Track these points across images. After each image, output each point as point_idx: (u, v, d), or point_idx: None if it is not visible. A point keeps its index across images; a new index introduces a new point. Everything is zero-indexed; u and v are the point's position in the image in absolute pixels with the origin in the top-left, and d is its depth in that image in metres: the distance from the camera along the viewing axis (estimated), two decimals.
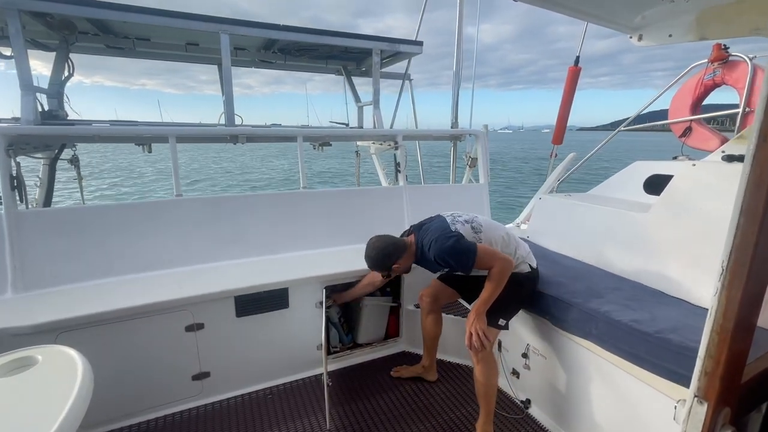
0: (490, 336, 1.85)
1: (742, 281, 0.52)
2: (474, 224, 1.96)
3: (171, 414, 2.11)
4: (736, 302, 0.53)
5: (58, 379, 1.10)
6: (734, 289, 0.53)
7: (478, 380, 1.88)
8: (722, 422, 0.59)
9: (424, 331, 2.35)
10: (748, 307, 0.55)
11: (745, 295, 0.53)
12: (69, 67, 2.93)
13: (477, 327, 1.79)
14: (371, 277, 2.35)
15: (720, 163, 1.87)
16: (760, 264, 0.52)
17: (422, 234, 1.97)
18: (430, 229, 1.95)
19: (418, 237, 1.99)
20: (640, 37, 2.23)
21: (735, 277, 0.53)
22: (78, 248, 2.19)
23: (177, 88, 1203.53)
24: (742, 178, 0.51)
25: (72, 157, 2.88)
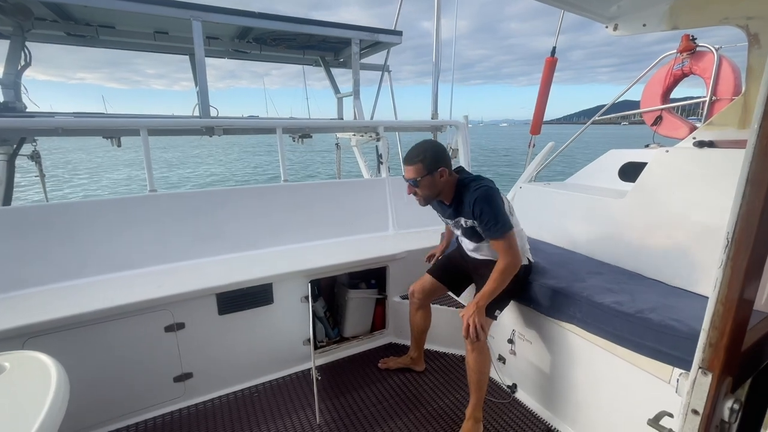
0: (487, 329, 1.85)
1: (748, 250, 0.53)
2: (510, 205, 1.92)
3: (153, 418, 2.02)
4: (741, 272, 0.54)
5: (30, 387, 1.02)
6: (740, 259, 0.54)
7: (471, 368, 1.88)
8: (725, 391, 0.61)
9: (412, 325, 2.34)
10: (751, 276, 0.56)
11: (749, 264, 0.54)
12: (25, 55, 2.73)
13: (476, 319, 1.74)
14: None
15: (692, 149, 1.93)
16: (764, 231, 0.53)
17: (470, 177, 1.87)
18: (482, 178, 1.86)
19: (464, 177, 1.88)
20: (615, 26, 2.28)
21: (741, 247, 0.53)
22: (45, 249, 2.05)
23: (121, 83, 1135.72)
24: (747, 149, 0.52)
25: (32, 152, 2.70)
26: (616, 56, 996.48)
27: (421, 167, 1.78)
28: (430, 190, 1.83)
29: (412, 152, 1.80)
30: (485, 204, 1.74)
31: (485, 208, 1.73)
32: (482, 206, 1.74)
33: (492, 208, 1.73)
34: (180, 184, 17.98)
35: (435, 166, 1.77)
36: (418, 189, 1.82)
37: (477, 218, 1.78)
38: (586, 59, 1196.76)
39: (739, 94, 1.91)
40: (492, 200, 1.75)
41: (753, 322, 0.77)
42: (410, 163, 1.79)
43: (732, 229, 0.54)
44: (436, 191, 1.84)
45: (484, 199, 1.74)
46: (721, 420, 0.63)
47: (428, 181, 1.80)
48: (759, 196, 0.50)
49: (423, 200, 1.88)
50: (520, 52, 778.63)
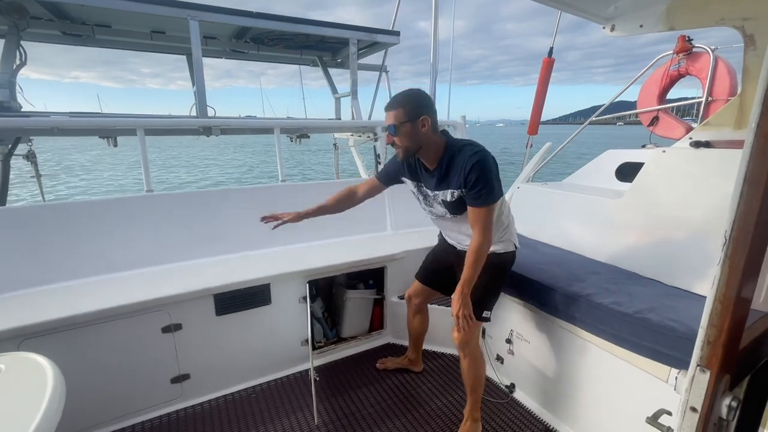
0: (477, 332, 1.82)
1: (746, 248, 0.53)
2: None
3: (149, 419, 2.01)
4: (739, 270, 0.54)
5: (26, 389, 1.01)
6: (738, 257, 0.54)
7: (467, 374, 1.86)
8: (723, 389, 0.61)
9: (411, 329, 2.31)
10: (749, 275, 0.56)
11: (747, 262, 0.54)
12: (20, 54, 2.72)
13: (463, 312, 1.65)
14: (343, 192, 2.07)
15: (688, 149, 1.94)
16: (762, 231, 0.53)
17: (463, 141, 1.72)
18: (475, 142, 1.71)
19: (453, 140, 1.73)
20: (612, 27, 2.29)
21: (738, 245, 0.54)
22: (40, 249, 2.04)
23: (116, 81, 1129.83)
24: (744, 149, 0.52)
25: (28, 152, 2.69)
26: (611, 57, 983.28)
27: (401, 113, 1.62)
28: (411, 140, 1.65)
29: (395, 98, 1.67)
30: (484, 168, 1.59)
31: (482, 174, 1.58)
32: (480, 171, 1.58)
33: (489, 175, 1.60)
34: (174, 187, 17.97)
35: (417, 114, 1.62)
36: (397, 138, 1.66)
37: (469, 183, 1.61)
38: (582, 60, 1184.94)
39: (735, 95, 1.93)
40: (491, 166, 1.61)
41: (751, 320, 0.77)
42: (390, 109, 1.65)
43: (730, 228, 0.54)
44: (417, 143, 1.66)
45: (483, 163, 1.59)
46: (719, 417, 0.64)
47: (408, 128, 1.63)
48: (756, 195, 0.51)
49: (402, 152, 1.70)
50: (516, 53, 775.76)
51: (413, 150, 1.69)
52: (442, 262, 2.06)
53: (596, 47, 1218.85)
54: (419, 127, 1.63)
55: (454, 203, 1.72)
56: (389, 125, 1.66)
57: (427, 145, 1.67)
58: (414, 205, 2.03)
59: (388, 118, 1.66)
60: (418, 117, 1.62)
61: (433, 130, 1.67)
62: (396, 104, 1.63)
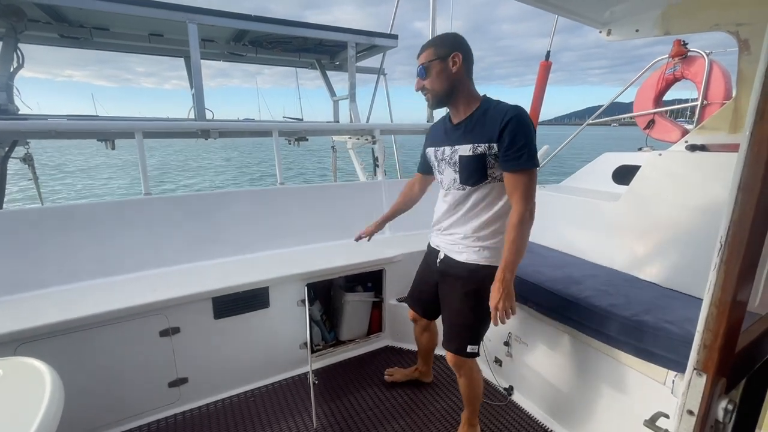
0: (465, 363, 1.67)
1: (740, 254, 0.54)
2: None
3: (147, 424, 2.00)
4: (734, 275, 0.55)
5: (24, 393, 1.01)
6: (732, 263, 0.55)
7: (464, 391, 1.81)
8: (719, 392, 0.62)
9: (419, 344, 2.19)
10: (744, 279, 0.57)
11: (742, 268, 0.55)
12: (18, 57, 2.71)
13: (504, 304, 1.40)
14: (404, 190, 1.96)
15: (684, 153, 1.96)
16: (756, 237, 0.54)
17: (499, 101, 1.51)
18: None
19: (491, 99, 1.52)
20: (609, 31, 2.31)
21: (734, 251, 0.55)
22: (37, 252, 2.03)
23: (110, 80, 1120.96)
24: (739, 156, 0.53)
25: (25, 154, 2.68)
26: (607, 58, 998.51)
27: (431, 52, 1.45)
28: (441, 82, 1.45)
29: (428, 41, 1.50)
30: (526, 124, 1.37)
31: (524, 129, 1.36)
32: (522, 125, 1.36)
33: (531, 133, 1.38)
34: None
35: (447, 51, 1.42)
36: (426, 81, 1.47)
37: (507, 139, 1.37)
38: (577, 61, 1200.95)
39: (730, 99, 1.95)
40: (530, 122, 1.39)
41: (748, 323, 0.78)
42: (420, 52, 1.49)
43: (725, 234, 0.55)
44: (448, 86, 1.46)
45: (525, 117, 1.38)
46: (716, 420, 0.65)
47: (437, 67, 1.44)
48: (750, 202, 0.52)
49: (432, 98, 1.51)
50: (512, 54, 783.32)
51: (443, 94, 1.48)
52: (427, 281, 1.84)
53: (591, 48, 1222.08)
54: (449, 66, 1.43)
55: (470, 161, 1.46)
56: (420, 65, 1.48)
57: (460, 90, 1.48)
58: (413, 208, 2.03)
59: (420, 59, 1.49)
60: (449, 54, 1.43)
61: (467, 76, 1.48)
62: (426, 45, 1.48)
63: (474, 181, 1.49)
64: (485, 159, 1.44)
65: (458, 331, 1.64)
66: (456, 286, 1.63)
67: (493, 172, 1.47)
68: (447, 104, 1.54)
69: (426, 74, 1.47)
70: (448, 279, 1.68)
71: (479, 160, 1.45)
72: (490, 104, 1.48)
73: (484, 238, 1.55)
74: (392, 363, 2.55)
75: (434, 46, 1.46)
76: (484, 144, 1.43)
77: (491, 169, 1.46)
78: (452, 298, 1.66)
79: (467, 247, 1.58)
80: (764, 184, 0.51)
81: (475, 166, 1.46)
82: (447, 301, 1.71)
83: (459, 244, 1.61)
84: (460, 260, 1.60)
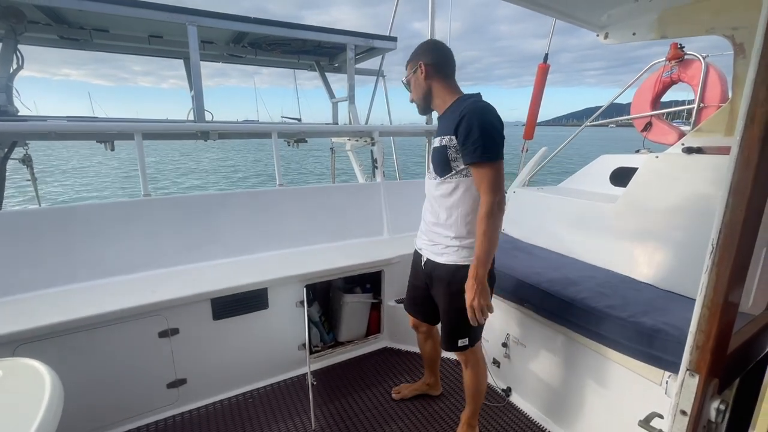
0: (472, 353, 1.70)
1: (731, 257, 0.55)
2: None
3: (145, 425, 2.00)
4: (725, 277, 0.56)
5: (24, 394, 1.01)
6: (724, 265, 0.56)
7: (468, 384, 1.82)
8: (712, 393, 0.63)
9: (424, 353, 2.15)
10: (735, 281, 0.58)
11: (733, 270, 0.56)
12: (18, 58, 2.72)
13: (479, 302, 1.45)
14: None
15: (680, 155, 1.97)
16: (746, 239, 0.55)
17: (475, 96, 1.56)
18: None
19: (467, 95, 1.59)
20: (606, 35, 2.33)
21: (725, 253, 0.56)
22: (36, 253, 2.03)
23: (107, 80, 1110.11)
24: (730, 160, 0.54)
25: (24, 156, 2.68)
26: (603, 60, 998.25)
27: (408, 67, 1.63)
28: (417, 91, 1.61)
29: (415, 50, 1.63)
30: (482, 118, 1.40)
31: (479, 123, 1.39)
32: (477, 119, 1.40)
33: (488, 126, 1.40)
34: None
35: (415, 62, 1.55)
36: (411, 93, 1.63)
37: (463, 133, 1.42)
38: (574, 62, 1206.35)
39: (726, 101, 1.96)
40: (491, 119, 1.41)
41: (740, 324, 0.79)
42: (412, 57, 1.62)
43: (716, 237, 0.56)
44: (423, 93, 1.60)
45: (482, 111, 1.41)
46: (708, 420, 0.65)
47: (413, 79, 1.60)
48: (741, 206, 0.53)
49: (417, 106, 1.67)
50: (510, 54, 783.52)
51: (421, 100, 1.63)
52: (419, 286, 1.86)
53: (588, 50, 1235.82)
54: (419, 75, 1.56)
55: (435, 152, 1.56)
56: (404, 82, 1.66)
57: (434, 92, 1.59)
58: (410, 208, 2.03)
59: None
60: (416, 65, 1.56)
61: (436, 76, 1.56)
62: (407, 63, 1.63)
63: (440, 170, 1.57)
64: (446, 151, 1.51)
65: (449, 331, 1.70)
66: (441, 287, 1.68)
67: (457, 165, 1.52)
68: (430, 106, 1.65)
69: (409, 88, 1.64)
70: (435, 282, 1.72)
71: (442, 151, 1.53)
72: (461, 101, 1.54)
73: (461, 237, 1.59)
74: (390, 364, 2.56)
75: (409, 62, 1.61)
76: (447, 136, 1.50)
77: (454, 162, 1.52)
78: (441, 300, 1.71)
79: (446, 248, 1.62)
80: (754, 188, 0.52)
81: (440, 157, 1.54)
82: (438, 303, 1.76)
83: (438, 245, 1.65)
84: (441, 262, 1.65)
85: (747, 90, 0.52)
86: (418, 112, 1.72)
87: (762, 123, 0.50)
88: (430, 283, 1.76)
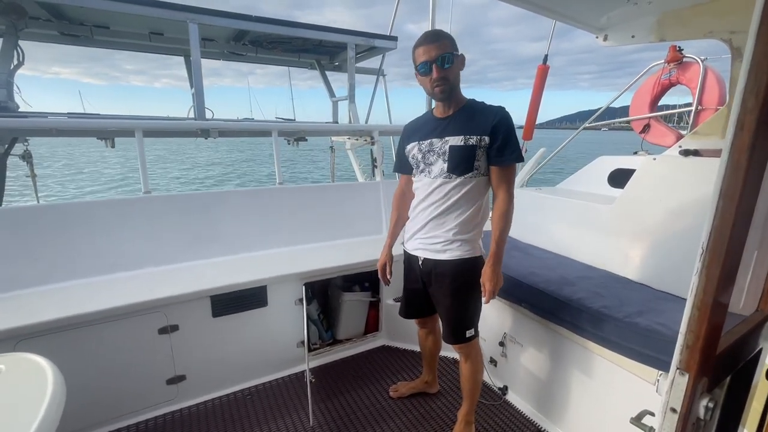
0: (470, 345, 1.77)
1: (721, 259, 0.57)
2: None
3: (144, 420, 2.02)
4: (714, 279, 0.58)
5: (26, 389, 1.03)
6: (713, 267, 0.58)
7: (465, 376, 1.86)
8: (701, 391, 0.64)
9: (424, 349, 2.18)
10: (725, 283, 0.60)
11: (723, 272, 0.58)
12: (18, 54, 2.72)
13: (498, 285, 1.57)
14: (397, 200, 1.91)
15: (678, 158, 1.99)
16: (735, 242, 0.57)
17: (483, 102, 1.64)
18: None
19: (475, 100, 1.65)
20: (605, 37, 2.34)
21: (714, 256, 0.57)
22: (37, 250, 2.04)
23: (99, 78, 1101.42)
24: (721, 165, 0.56)
25: (24, 152, 2.68)
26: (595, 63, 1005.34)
27: (451, 44, 1.48)
28: (456, 76, 1.54)
29: (432, 33, 1.51)
30: (510, 121, 1.53)
31: (511, 129, 1.52)
32: (510, 125, 1.52)
33: (514, 130, 1.55)
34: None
35: (455, 45, 1.51)
36: (449, 69, 1.49)
37: (499, 135, 1.50)
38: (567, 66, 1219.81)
39: (724, 104, 1.98)
40: (510, 120, 1.55)
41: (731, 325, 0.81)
42: (436, 40, 1.48)
43: (706, 240, 0.58)
44: (457, 82, 1.55)
45: (509, 116, 1.54)
46: (698, 418, 0.67)
47: (458, 61, 1.51)
48: (730, 210, 0.54)
49: (448, 89, 1.53)
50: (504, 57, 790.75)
51: (456, 86, 1.55)
52: (413, 290, 1.89)
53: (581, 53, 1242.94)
54: (461, 63, 1.54)
55: (460, 150, 1.53)
56: (444, 54, 1.46)
57: (457, 89, 1.57)
58: None
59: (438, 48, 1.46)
60: (455, 52, 1.50)
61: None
62: (441, 36, 1.49)
63: (461, 170, 1.56)
64: (475, 150, 1.53)
65: (455, 325, 1.73)
66: (444, 283, 1.69)
67: (479, 165, 1.56)
68: (452, 97, 1.57)
69: (452, 64, 1.49)
70: (435, 279, 1.72)
71: (469, 150, 1.53)
72: (477, 103, 1.61)
73: (464, 233, 1.64)
74: (388, 362, 2.58)
75: (451, 40, 1.50)
76: (476, 136, 1.52)
77: (478, 161, 1.55)
78: (443, 296, 1.72)
79: (450, 244, 1.65)
80: (743, 192, 0.54)
81: (465, 155, 1.54)
82: (439, 300, 1.77)
83: (439, 243, 1.67)
84: (444, 258, 1.66)
85: (737, 97, 0.54)
86: (438, 97, 1.56)
87: (751, 130, 0.52)
88: (428, 281, 1.76)
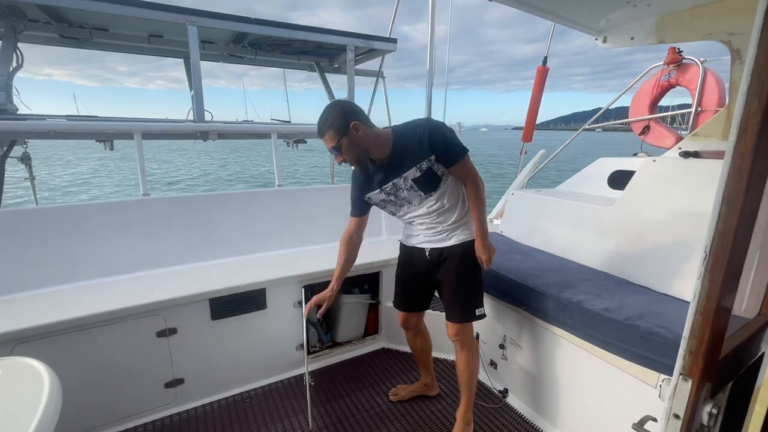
0: (469, 326, 1.87)
1: (724, 264, 0.56)
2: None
3: (143, 424, 2.01)
4: (718, 284, 0.57)
5: (23, 393, 1.02)
6: (717, 272, 0.57)
7: (461, 369, 1.88)
8: (704, 397, 0.64)
9: (416, 351, 2.20)
10: (728, 288, 0.59)
11: (726, 277, 0.57)
12: (17, 57, 2.71)
13: (490, 255, 1.78)
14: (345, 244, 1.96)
15: (677, 159, 1.99)
16: (739, 247, 0.56)
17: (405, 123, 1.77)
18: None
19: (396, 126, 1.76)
20: (604, 39, 2.35)
21: (718, 261, 0.57)
22: (34, 253, 2.03)
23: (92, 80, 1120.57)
24: (723, 169, 0.55)
25: (23, 154, 2.68)
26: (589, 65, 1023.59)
27: (333, 134, 1.62)
28: (355, 149, 1.65)
29: (320, 122, 1.64)
30: (441, 127, 1.67)
31: (443, 131, 1.65)
32: (439, 130, 1.65)
33: (448, 131, 1.67)
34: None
35: (346, 125, 1.60)
36: (343, 155, 1.66)
37: (438, 145, 1.65)
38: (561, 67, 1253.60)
39: (723, 106, 1.98)
40: (438, 123, 1.69)
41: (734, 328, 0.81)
42: (322, 135, 1.65)
43: (709, 244, 0.57)
44: (363, 148, 1.66)
45: (437, 123, 1.69)
46: (701, 424, 0.66)
47: (347, 142, 1.62)
48: (733, 214, 0.54)
49: (356, 163, 1.70)
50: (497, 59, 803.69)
51: (362, 156, 1.68)
52: (412, 280, 1.98)
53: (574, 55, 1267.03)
54: (354, 135, 1.63)
55: (424, 175, 1.71)
56: (332, 147, 1.65)
57: (374, 144, 1.68)
58: None
59: (326, 143, 1.66)
60: (348, 126, 1.61)
61: (369, 130, 1.67)
62: (324, 128, 1.63)
63: (434, 186, 1.76)
64: (431, 169, 1.71)
65: (463, 302, 1.84)
66: (452, 265, 1.83)
67: (443, 172, 1.73)
68: (368, 159, 1.72)
69: (340, 152, 1.65)
70: (445, 263, 1.85)
71: (428, 172, 1.71)
72: (402, 132, 1.72)
73: (461, 218, 1.84)
74: (388, 365, 2.57)
75: (331, 128, 1.62)
76: (424, 160, 1.68)
77: (439, 172, 1.73)
78: (453, 278, 1.84)
79: (454, 231, 1.83)
80: (746, 196, 0.53)
81: (427, 177, 1.72)
82: (447, 282, 1.86)
83: (443, 233, 1.84)
84: (452, 244, 1.83)
85: (740, 101, 0.53)
86: (357, 169, 1.76)
87: (754, 133, 0.52)
88: (435, 269, 1.88)
